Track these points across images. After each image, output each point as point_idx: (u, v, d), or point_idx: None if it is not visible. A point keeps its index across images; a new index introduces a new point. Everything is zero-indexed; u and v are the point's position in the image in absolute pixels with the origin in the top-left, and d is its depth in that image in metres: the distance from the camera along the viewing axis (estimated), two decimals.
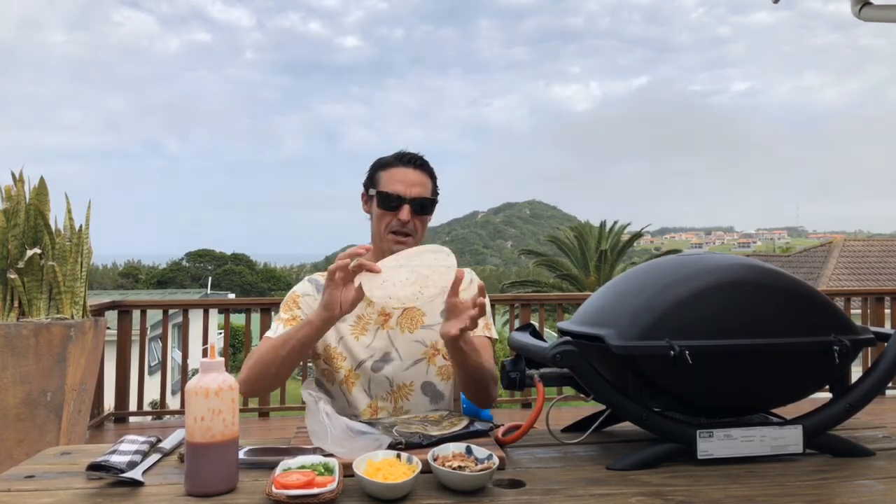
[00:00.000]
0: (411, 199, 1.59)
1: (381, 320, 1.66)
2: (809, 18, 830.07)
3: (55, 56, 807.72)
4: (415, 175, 1.62)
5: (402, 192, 1.59)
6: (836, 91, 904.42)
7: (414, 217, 1.60)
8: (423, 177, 1.64)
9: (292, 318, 1.63)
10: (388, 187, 1.60)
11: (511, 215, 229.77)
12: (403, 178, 1.60)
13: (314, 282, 1.70)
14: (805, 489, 1.09)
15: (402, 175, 1.61)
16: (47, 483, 1.12)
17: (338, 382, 1.63)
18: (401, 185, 1.59)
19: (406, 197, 1.59)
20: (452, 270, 1.36)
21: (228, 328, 5.28)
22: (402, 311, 1.67)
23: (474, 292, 1.76)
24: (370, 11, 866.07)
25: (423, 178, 1.64)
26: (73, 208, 3.25)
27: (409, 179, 1.61)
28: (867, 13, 2.37)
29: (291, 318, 1.63)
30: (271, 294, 46.77)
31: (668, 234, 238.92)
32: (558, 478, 1.14)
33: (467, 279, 1.77)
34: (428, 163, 1.67)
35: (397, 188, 1.59)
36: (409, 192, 1.59)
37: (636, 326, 1.20)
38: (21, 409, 2.88)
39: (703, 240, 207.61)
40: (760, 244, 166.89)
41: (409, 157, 1.63)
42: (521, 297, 5.06)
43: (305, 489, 0.99)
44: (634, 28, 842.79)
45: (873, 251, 20.71)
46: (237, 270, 55.41)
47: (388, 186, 1.60)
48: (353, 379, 1.62)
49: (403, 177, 1.61)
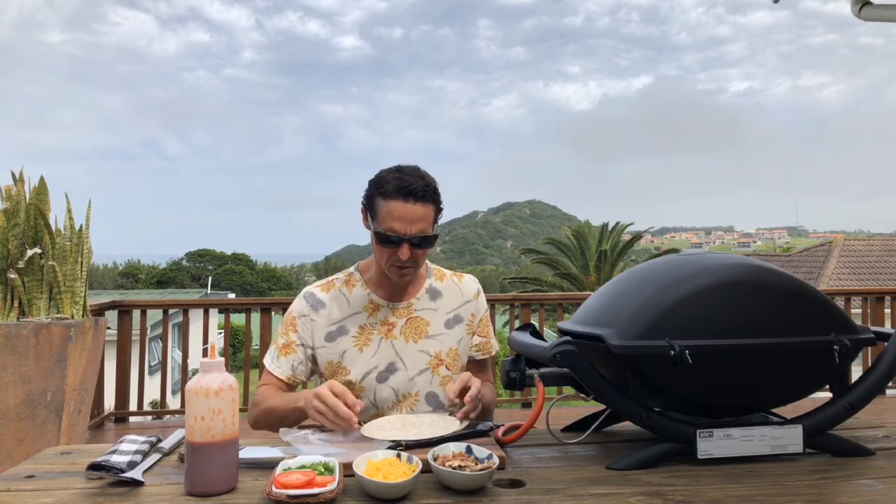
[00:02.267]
0: (410, 238, 1.50)
1: (385, 330, 1.64)
2: (808, 18, 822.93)
3: (53, 56, 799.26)
4: (416, 210, 1.49)
5: (401, 230, 1.49)
6: (835, 90, 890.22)
7: (414, 251, 1.52)
8: (426, 209, 1.51)
9: (287, 343, 1.64)
10: (386, 224, 1.50)
11: (511, 215, 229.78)
12: (403, 215, 1.48)
13: (310, 297, 1.67)
14: (805, 489, 1.09)
15: (403, 211, 1.48)
16: (47, 483, 1.12)
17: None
18: (400, 224, 1.48)
19: (405, 236, 1.49)
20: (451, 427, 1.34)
21: (228, 328, 5.28)
22: (406, 321, 1.65)
23: (484, 307, 1.77)
24: (368, 11, 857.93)
25: (426, 210, 1.51)
26: (73, 208, 3.25)
27: (410, 216, 1.49)
28: (867, 13, 2.37)
29: (286, 345, 1.64)
30: (271, 294, 46.79)
31: (668, 234, 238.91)
32: (558, 477, 1.14)
33: (474, 289, 1.76)
34: (431, 190, 1.52)
35: (396, 227, 1.49)
36: (409, 230, 1.49)
37: (636, 326, 1.20)
38: (21, 409, 2.88)
39: (703, 239, 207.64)
40: (760, 244, 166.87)
41: (411, 190, 1.48)
42: (521, 297, 5.06)
43: (305, 489, 0.99)
44: (633, 28, 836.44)
45: (873, 251, 20.70)
46: (237, 270, 55.40)
47: (387, 223, 1.49)
48: (359, 391, 1.60)
49: (404, 213, 1.48)
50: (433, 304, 1.69)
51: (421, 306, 1.68)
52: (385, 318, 1.64)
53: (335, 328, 1.63)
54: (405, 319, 1.65)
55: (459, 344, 1.69)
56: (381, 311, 1.65)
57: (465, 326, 1.71)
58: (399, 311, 1.66)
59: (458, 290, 1.73)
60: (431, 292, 1.70)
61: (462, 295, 1.73)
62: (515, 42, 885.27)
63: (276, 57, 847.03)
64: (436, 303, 1.69)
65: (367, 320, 1.64)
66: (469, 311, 1.72)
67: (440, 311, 1.69)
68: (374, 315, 1.65)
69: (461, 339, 1.70)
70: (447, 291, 1.72)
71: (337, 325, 1.64)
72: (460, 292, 1.73)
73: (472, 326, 1.73)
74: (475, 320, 1.73)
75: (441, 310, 1.69)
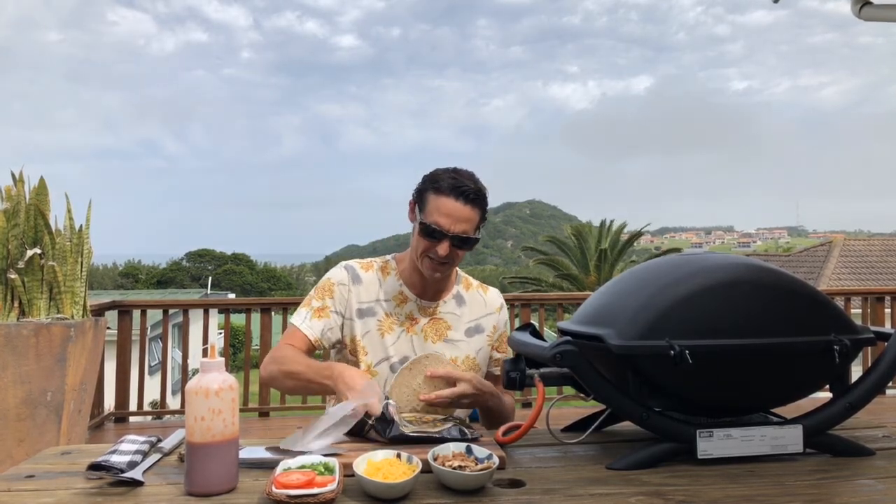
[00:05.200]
0: (453, 236, 1.53)
1: (409, 324, 1.66)
2: (807, 17, 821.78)
3: (51, 55, 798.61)
4: (464, 211, 1.53)
5: (446, 226, 1.52)
6: (835, 90, 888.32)
7: (453, 250, 1.56)
8: (474, 212, 1.55)
9: (322, 307, 1.65)
10: (433, 217, 1.53)
11: (511, 215, 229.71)
12: (451, 212, 1.53)
13: (350, 269, 1.69)
14: (805, 489, 1.09)
15: (452, 208, 1.53)
16: (47, 483, 1.12)
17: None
18: (447, 220, 1.52)
19: (449, 233, 1.53)
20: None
21: (228, 328, 5.28)
22: (430, 320, 1.67)
23: (506, 318, 1.78)
24: (366, 11, 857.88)
25: (473, 213, 1.55)
26: (73, 208, 3.25)
27: (457, 215, 1.53)
28: (867, 13, 2.37)
29: (321, 308, 1.64)
30: (271, 294, 46.75)
31: (668, 234, 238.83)
32: (558, 477, 1.14)
33: (498, 303, 1.77)
34: (483, 196, 1.57)
35: (442, 222, 1.53)
36: (454, 227, 1.53)
37: (636, 326, 1.20)
38: (21, 409, 2.88)
39: (703, 239, 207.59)
40: (760, 244, 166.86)
41: (463, 190, 1.53)
42: (521, 297, 5.06)
43: (305, 489, 0.99)
44: (632, 27, 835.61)
45: (873, 251, 20.69)
46: (237, 270, 55.41)
47: (434, 217, 1.53)
48: (371, 375, 1.61)
49: (452, 210, 1.53)
50: (458, 310, 1.71)
51: (447, 310, 1.70)
52: (410, 313, 1.67)
53: (365, 307, 1.66)
54: (429, 319, 1.68)
55: (478, 354, 1.71)
56: (408, 305, 1.68)
57: (486, 337, 1.73)
58: (425, 310, 1.68)
59: (483, 301, 1.75)
60: (458, 298, 1.73)
61: (486, 306, 1.75)
62: (514, 41, 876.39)
63: (275, 56, 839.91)
64: (460, 309, 1.72)
65: (395, 309, 1.67)
66: (491, 323, 1.74)
67: (463, 319, 1.71)
68: (402, 307, 1.67)
69: (480, 350, 1.72)
70: (471, 301, 1.74)
71: (367, 305, 1.66)
72: (484, 303, 1.75)
73: (493, 339, 1.74)
74: (496, 333, 1.75)
75: (464, 317, 1.71)
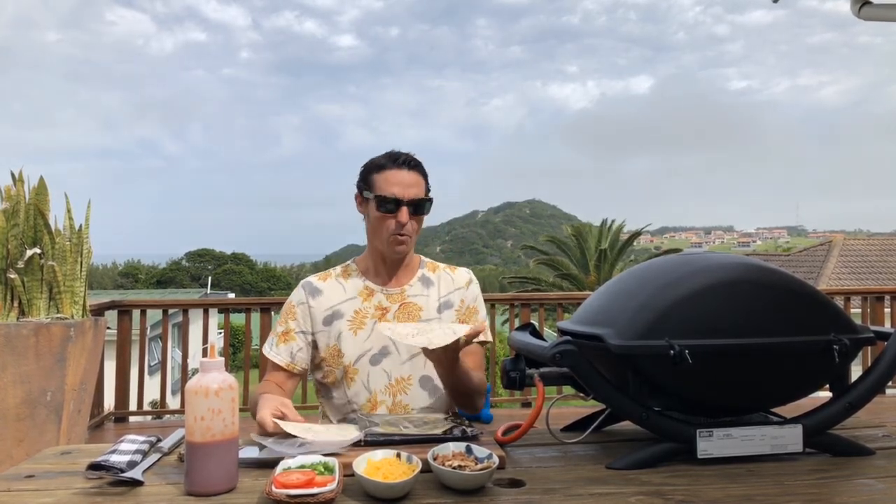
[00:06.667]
0: (409, 202, 1.61)
1: (379, 314, 1.68)
2: (806, 17, 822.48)
3: (50, 55, 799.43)
4: (409, 176, 1.63)
5: (398, 194, 1.60)
6: (834, 90, 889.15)
7: (412, 217, 1.62)
8: (417, 177, 1.65)
9: (286, 331, 1.69)
10: (384, 190, 1.61)
11: (511, 215, 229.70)
12: (399, 181, 1.61)
13: (307, 286, 1.73)
14: (805, 488, 1.09)
15: (398, 177, 1.62)
16: (47, 483, 1.12)
17: (338, 379, 1.65)
18: (397, 188, 1.60)
19: (403, 199, 1.60)
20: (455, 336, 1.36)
21: (228, 328, 5.28)
22: (399, 306, 1.69)
23: (475, 293, 1.77)
24: (365, 10, 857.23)
25: (418, 178, 1.65)
26: (73, 208, 3.24)
27: (405, 181, 1.62)
28: (867, 12, 2.37)
29: (286, 332, 1.69)
30: (271, 294, 46.77)
31: (667, 234, 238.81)
32: (558, 477, 1.14)
33: (466, 278, 1.79)
34: (420, 163, 1.67)
35: (394, 191, 1.60)
36: (406, 193, 1.61)
37: (636, 326, 1.20)
38: (21, 409, 2.88)
39: (703, 239, 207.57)
40: (760, 243, 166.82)
41: (402, 159, 1.64)
42: (521, 297, 5.06)
43: (305, 488, 0.99)
44: (631, 27, 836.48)
45: (873, 250, 20.69)
46: (237, 270, 55.41)
47: (385, 189, 1.61)
48: (353, 374, 1.64)
49: (399, 179, 1.61)
50: (426, 291, 1.73)
51: (414, 293, 1.72)
52: (379, 304, 1.69)
53: (331, 312, 1.68)
54: (398, 304, 1.69)
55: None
56: (376, 297, 1.70)
57: (454, 312, 1.74)
58: (393, 297, 1.70)
59: (451, 279, 1.78)
60: (424, 280, 1.75)
61: (453, 283, 1.77)
62: (513, 41, 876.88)
63: (274, 56, 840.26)
64: (428, 290, 1.74)
65: (362, 305, 1.68)
66: (459, 297, 1.75)
67: (432, 298, 1.73)
68: (369, 300, 1.69)
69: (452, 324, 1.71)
70: (439, 280, 1.76)
71: (333, 310, 1.68)
72: (452, 280, 1.77)
73: (461, 312, 1.74)
74: (463, 306, 1.75)
75: (433, 296, 1.73)
